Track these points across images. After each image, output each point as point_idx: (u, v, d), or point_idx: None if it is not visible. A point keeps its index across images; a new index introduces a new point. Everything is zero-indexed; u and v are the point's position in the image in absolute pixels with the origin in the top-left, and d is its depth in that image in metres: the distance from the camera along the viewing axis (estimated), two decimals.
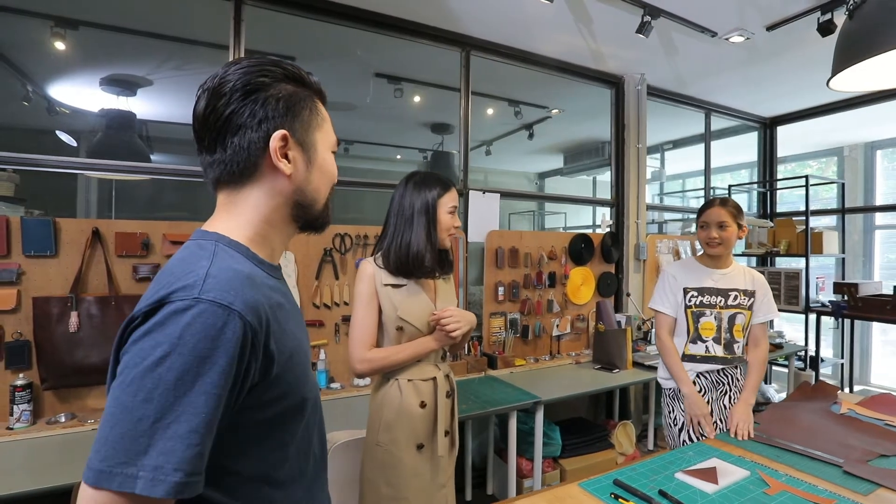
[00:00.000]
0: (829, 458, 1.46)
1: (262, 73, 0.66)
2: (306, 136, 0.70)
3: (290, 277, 2.28)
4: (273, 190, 0.69)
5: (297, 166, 0.69)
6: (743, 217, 1.83)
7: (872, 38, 1.32)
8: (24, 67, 3.00)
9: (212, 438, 0.55)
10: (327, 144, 0.74)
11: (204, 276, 0.57)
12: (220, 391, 0.54)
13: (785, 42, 2.82)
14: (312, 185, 0.72)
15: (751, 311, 1.84)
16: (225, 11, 2.35)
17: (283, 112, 0.66)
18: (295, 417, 0.68)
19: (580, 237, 3.18)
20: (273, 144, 0.66)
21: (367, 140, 4.80)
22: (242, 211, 0.69)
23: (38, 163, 2.10)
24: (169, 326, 0.53)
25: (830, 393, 2.07)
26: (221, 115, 0.65)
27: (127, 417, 0.50)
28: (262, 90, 0.65)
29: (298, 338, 0.70)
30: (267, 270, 0.70)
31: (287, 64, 0.69)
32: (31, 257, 1.87)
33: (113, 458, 0.49)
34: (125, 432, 0.50)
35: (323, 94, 0.75)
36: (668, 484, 1.32)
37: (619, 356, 2.79)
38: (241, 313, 0.56)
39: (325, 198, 0.75)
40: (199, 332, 0.53)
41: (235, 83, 0.64)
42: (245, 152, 0.66)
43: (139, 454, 0.50)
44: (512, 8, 2.50)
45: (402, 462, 1.37)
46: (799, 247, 3.71)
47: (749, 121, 4.43)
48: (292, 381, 0.66)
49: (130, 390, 0.51)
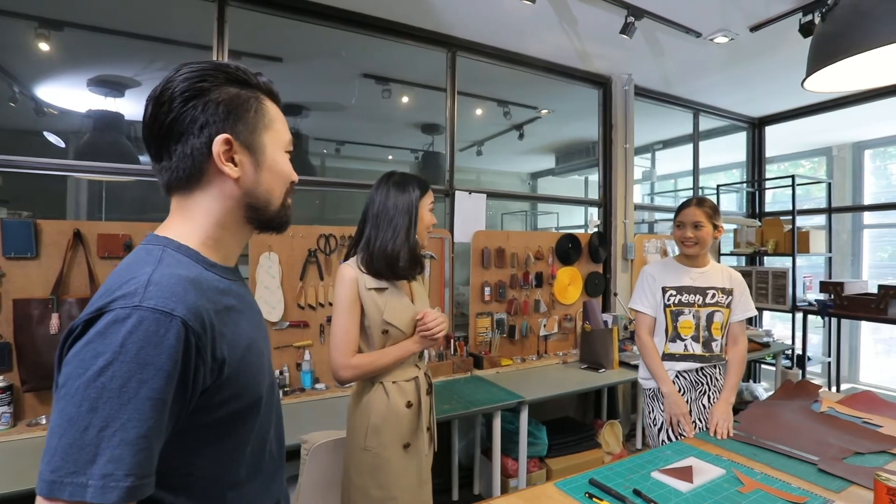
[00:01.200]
0: (805, 456, 1.47)
1: (202, 78, 0.65)
2: (252, 138, 0.69)
3: (275, 278, 2.28)
4: (222, 194, 0.69)
5: (244, 169, 0.69)
6: (719, 218, 1.84)
7: (844, 40, 1.33)
8: (10, 68, 2.99)
9: (161, 441, 0.56)
10: (278, 145, 0.73)
11: (145, 283, 0.57)
12: (166, 396, 0.55)
13: (769, 42, 2.83)
14: (263, 186, 0.71)
15: (729, 310, 1.85)
16: (209, 12, 2.35)
17: (223, 116, 0.66)
18: (249, 416, 0.69)
19: (567, 237, 3.18)
20: (216, 149, 0.65)
21: (358, 140, 4.80)
22: (194, 215, 0.69)
23: (24, 164, 2.09)
24: (109, 335, 0.53)
25: (812, 391, 2.08)
26: (163, 124, 0.65)
27: (73, 428, 0.51)
28: (201, 95, 0.65)
29: (252, 337, 0.70)
30: (219, 273, 0.70)
31: (231, 66, 0.69)
32: (11, 259, 1.87)
33: (62, 469, 0.50)
34: (72, 442, 0.50)
35: (273, 93, 0.74)
36: (643, 483, 1.33)
37: (605, 356, 2.80)
38: (184, 319, 0.57)
39: (279, 198, 0.74)
40: (140, 340, 0.54)
41: (174, 90, 0.64)
42: (189, 159, 0.66)
43: (88, 463, 0.50)
44: (495, 8, 2.51)
45: (391, 463, 1.38)
46: (786, 246, 3.73)
47: (738, 121, 4.45)
48: (246, 380, 0.67)
49: (75, 401, 0.52)
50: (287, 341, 2.32)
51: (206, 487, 0.65)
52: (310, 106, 3.85)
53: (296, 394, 2.26)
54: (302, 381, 2.32)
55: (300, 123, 3.84)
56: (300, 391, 2.29)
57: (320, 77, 3.44)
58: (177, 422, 0.59)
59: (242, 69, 0.70)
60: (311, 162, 4.17)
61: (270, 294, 2.26)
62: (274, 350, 2.30)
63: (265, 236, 2.27)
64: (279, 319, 2.29)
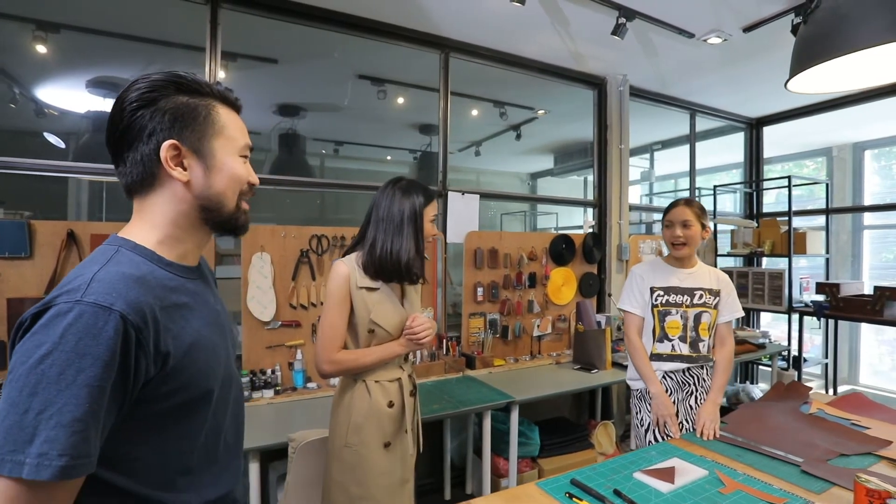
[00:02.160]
0: (789, 458, 1.47)
1: (152, 89, 0.70)
2: (200, 143, 0.74)
3: (267, 278, 2.30)
4: (175, 196, 0.74)
5: (193, 173, 0.73)
6: (707, 218, 1.85)
7: (825, 42, 1.33)
8: (10, 70, 3.02)
9: (99, 426, 0.60)
10: (230, 149, 0.77)
11: (89, 281, 0.62)
12: (103, 383, 0.59)
13: (764, 43, 2.83)
14: (214, 189, 0.75)
15: (716, 310, 1.85)
16: (202, 15, 2.37)
17: (169, 124, 0.71)
18: (199, 408, 0.73)
19: (561, 238, 3.19)
20: (163, 154, 0.70)
21: (357, 141, 4.81)
22: (150, 217, 0.74)
23: (24, 166, 2.12)
24: (51, 327, 0.58)
25: (803, 393, 2.08)
26: (116, 132, 0.71)
27: (14, 410, 0.56)
28: (149, 105, 0.70)
29: (202, 333, 0.74)
30: (174, 272, 0.74)
31: (184, 77, 0.73)
32: (5, 259, 1.89)
33: (4, 447, 0.55)
34: (13, 424, 0.55)
35: (228, 100, 0.78)
36: (625, 484, 1.34)
37: (598, 356, 2.80)
38: (123, 313, 0.61)
39: (232, 200, 0.78)
40: (80, 332, 0.58)
41: (125, 102, 0.70)
42: (140, 164, 0.71)
43: (26, 443, 0.55)
44: (486, 10, 2.51)
45: (370, 461, 1.39)
46: (783, 247, 3.71)
47: (735, 121, 4.44)
48: (194, 373, 0.71)
49: (17, 386, 0.57)
50: (279, 340, 2.34)
51: (155, 472, 0.69)
52: (306, 107, 3.87)
53: (287, 393, 2.28)
54: (294, 380, 2.34)
55: (297, 124, 3.87)
56: (292, 390, 2.31)
57: (316, 78, 3.45)
58: (121, 409, 0.63)
59: (195, 79, 0.74)
60: (309, 162, 4.19)
61: (262, 294, 2.28)
62: (265, 349, 2.31)
63: (258, 237, 2.30)
64: (271, 319, 2.31)
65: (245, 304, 2.26)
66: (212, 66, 2.37)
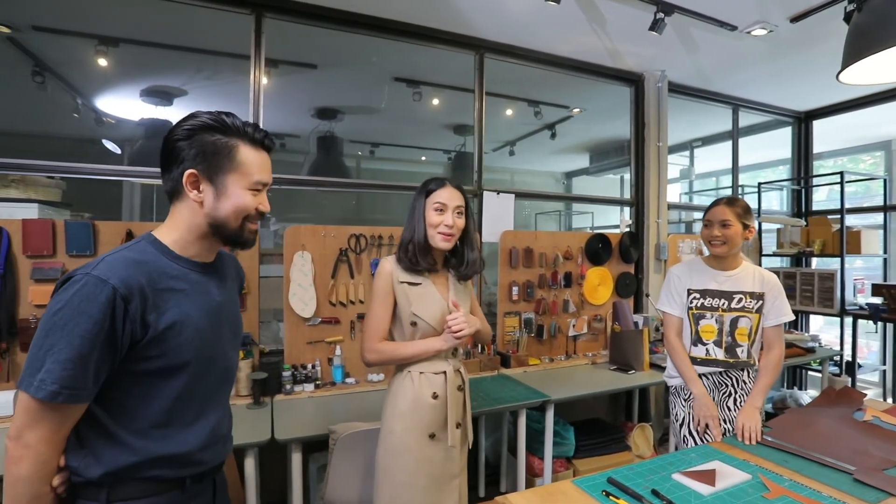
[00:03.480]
0: (840, 465, 1.41)
1: (192, 128, 0.92)
2: (215, 176, 0.93)
3: (307, 276, 2.39)
4: (192, 210, 0.95)
5: (205, 197, 0.94)
6: (751, 218, 1.78)
7: (882, 31, 1.27)
8: (74, 82, 3.26)
9: (90, 368, 0.80)
10: (242, 183, 0.95)
11: (100, 260, 0.86)
12: (92, 336, 0.80)
13: (813, 33, 2.70)
14: (220, 212, 0.95)
15: (758, 315, 1.78)
16: (246, 24, 2.49)
17: (193, 157, 0.92)
18: (175, 375, 0.91)
19: (597, 237, 3.15)
20: (184, 179, 0.92)
21: (392, 142, 4.90)
22: (174, 221, 0.96)
23: (85, 171, 2.28)
24: (66, 291, 0.82)
25: (856, 399, 1.98)
26: (165, 154, 0.95)
27: (35, 345, 0.80)
28: (186, 139, 0.92)
29: (192, 316, 0.93)
30: (181, 264, 0.95)
31: (221, 120, 0.94)
32: (73, 256, 2.05)
33: (26, 371, 0.80)
34: (33, 355, 0.80)
35: (256, 140, 0.97)
36: (663, 484, 1.32)
37: (635, 357, 2.75)
38: (115, 286, 0.82)
39: (235, 224, 0.97)
40: (82, 295, 0.80)
41: (174, 133, 0.93)
42: (171, 181, 0.94)
43: (36, 370, 0.79)
44: (521, 9, 2.52)
45: (414, 449, 1.43)
46: (835, 246, 3.53)
47: (782, 115, 4.24)
48: (174, 346, 0.90)
49: (41, 328, 0.81)
50: (319, 336, 2.42)
51: (134, 420, 0.89)
52: (344, 109, 3.98)
53: (327, 387, 2.36)
54: (333, 375, 2.42)
55: (335, 126, 3.98)
56: (331, 384, 2.39)
57: (353, 81, 3.55)
58: (113, 361, 0.84)
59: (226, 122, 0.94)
60: (345, 164, 4.30)
61: (303, 291, 2.37)
62: (306, 345, 2.40)
63: (299, 237, 2.39)
64: (311, 315, 2.39)
65: (287, 301, 2.35)
66: (256, 72, 2.48)
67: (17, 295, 1.99)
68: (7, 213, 2.08)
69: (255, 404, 2.10)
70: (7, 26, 2.60)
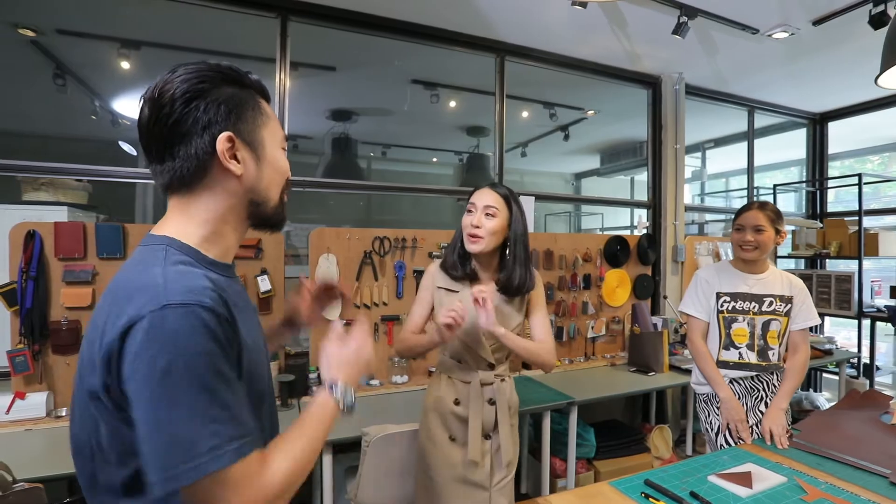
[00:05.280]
0: (876, 469, 1.42)
1: (201, 79, 0.67)
2: (253, 135, 0.72)
3: (333, 279, 2.40)
4: (226, 191, 0.71)
5: (246, 166, 0.71)
6: (782, 223, 1.78)
7: None
8: (92, 84, 3.28)
9: (241, 399, 0.62)
10: (275, 141, 0.76)
11: (163, 282, 0.60)
12: (224, 368, 0.60)
13: (833, 36, 2.71)
14: (264, 182, 0.74)
15: (787, 318, 1.79)
16: (272, 27, 2.50)
17: (225, 115, 0.68)
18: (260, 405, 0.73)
19: (616, 239, 3.16)
20: (220, 147, 0.67)
21: (405, 144, 4.92)
22: (196, 213, 0.70)
23: (108, 174, 2.31)
24: (155, 338, 0.56)
25: (882, 402, 1.98)
26: (166, 125, 0.66)
27: (165, 427, 0.56)
28: (202, 96, 0.67)
29: (253, 335, 0.73)
30: (219, 271, 0.71)
31: (224, 66, 0.70)
32: (103, 259, 2.07)
33: (175, 458, 0.55)
34: (171, 438, 0.56)
35: (265, 91, 0.76)
36: (700, 486, 1.33)
37: (654, 359, 2.76)
38: (209, 306, 0.60)
39: (277, 195, 0.77)
40: (183, 332, 0.57)
41: (175, 92, 0.65)
42: (194, 159, 0.67)
43: (193, 446, 0.56)
44: (545, 14, 2.53)
45: (436, 451, 1.47)
46: (851, 248, 3.53)
47: (797, 117, 4.24)
48: (256, 374, 0.70)
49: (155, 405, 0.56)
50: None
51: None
52: (359, 111, 4.00)
53: None
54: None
55: (349, 128, 4.00)
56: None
57: (370, 84, 3.56)
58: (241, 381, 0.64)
59: (235, 69, 0.72)
60: (359, 165, 4.32)
61: None
62: None
63: (324, 239, 2.41)
64: (336, 318, 2.40)
65: None
66: (281, 76, 2.50)
67: (49, 297, 2.01)
68: (37, 217, 2.10)
69: (282, 406, 2.12)
70: (32, 30, 2.63)
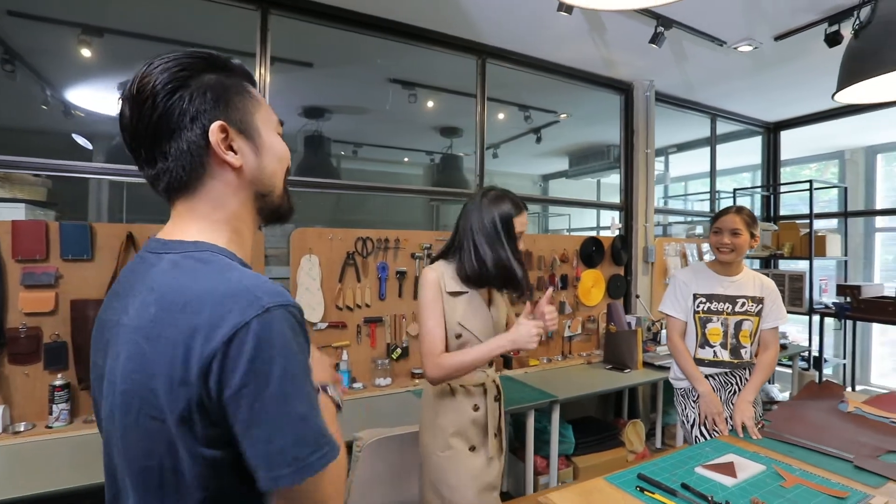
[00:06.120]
0: (840, 454, 1.53)
1: (182, 67, 0.61)
2: (246, 122, 0.66)
3: (315, 280, 2.35)
4: (230, 186, 0.66)
5: (245, 156, 0.66)
6: (757, 227, 1.89)
7: (876, 57, 1.40)
8: (44, 72, 3.06)
9: None
10: (270, 126, 0.70)
11: (253, 286, 0.58)
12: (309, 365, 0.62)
13: (791, 51, 2.90)
14: (266, 170, 0.68)
15: (758, 318, 1.90)
16: (252, 20, 2.42)
17: (213, 103, 0.63)
18: None
19: (591, 240, 3.25)
20: (213, 138, 0.62)
21: (376, 143, 4.86)
22: (208, 214, 0.65)
23: (71, 169, 2.15)
24: (269, 341, 0.55)
25: (837, 392, 2.14)
26: (150, 122, 0.60)
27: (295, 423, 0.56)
28: (185, 85, 0.61)
29: None
30: None
31: (205, 53, 0.65)
32: (68, 261, 1.93)
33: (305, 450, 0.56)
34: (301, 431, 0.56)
35: (250, 76, 0.71)
36: (689, 477, 1.39)
37: (630, 356, 2.86)
38: (296, 304, 0.60)
39: (281, 182, 0.72)
40: (287, 332, 0.57)
41: (156, 84, 0.60)
42: (188, 155, 0.62)
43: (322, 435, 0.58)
44: (528, 18, 2.57)
45: (460, 465, 1.41)
46: (802, 249, 3.79)
47: (753, 125, 4.51)
48: None
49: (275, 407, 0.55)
50: (326, 341, 2.39)
51: None
52: (333, 109, 3.93)
53: None
54: None
55: (322, 126, 3.92)
56: None
57: (347, 82, 3.50)
58: None
59: (216, 55, 0.66)
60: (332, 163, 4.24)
61: (311, 296, 2.33)
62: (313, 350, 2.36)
63: (307, 240, 2.35)
64: (319, 320, 2.35)
65: None
66: (262, 70, 2.41)
67: (6, 302, 1.86)
68: None
69: None
70: None
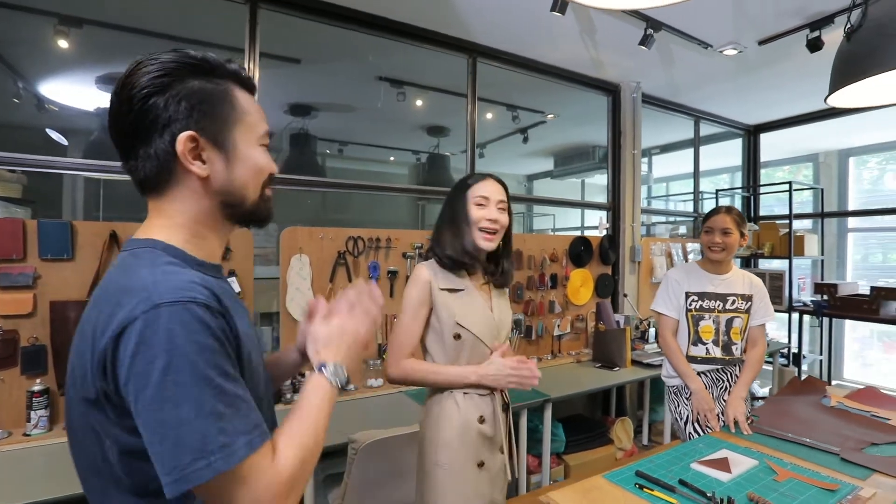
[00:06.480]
0: (827, 447, 1.57)
1: (164, 72, 0.62)
2: (221, 133, 0.66)
3: (305, 280, 2.31)
4: (195, 193, 0.67)
5: (213, 166, 0.66)
6: (745, 226, 1.94)
7: (868, 60, 1.44)
8: (16, 64, 2.94)
9: (245, 391, 0.59)
10: (250, 138, 0.70)
11: (152, 283, 0.57)
12: (224, 363, 0.58)
13: (773, 55, 2.97)
14: (236, 182, 0.68)
15: (748, 315, 1.95)
16: (240, 14, 2.36)
17: (186, 112, 0.63)
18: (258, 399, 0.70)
19: (580, 240, 3.28)
20: (180, 148, 0.63)
21: (362, 142, 4.82)
22: (171, 215, 0.67)
23: (50, 164, 2.07)
24: (150, 339, 0.54)
25: (819, 387, 2.20)
26: (126, 123, 0.63)
27: (172, 429, 0.53)
28: (161, 92, 0.62)
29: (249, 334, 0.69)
30: (207, 272, 0.68)
31: (194, 56, 0.65)
32: (47, 261, 1.85)
33: (185, 458, 0.53)
34: (179, 438, 0.53)
35: (244, 80, 0.71)
36: (685, 473, 1.41)
37: (619, 355, 2.90)
38: (203, 301, 0.58)
39: (255, 192, 0.71)
40: (178, 331, 0.54)
41: (135, 87, 0.61)
42: (154, 159, 0.63)
43: (203, 444, 0.53)
44: (522, 18, 2.57)
45: (463, 482, 1.28)
46: (782, 249, 3.90)
47: (734, 128, 4.62)
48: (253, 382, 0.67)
49: (157, 407, 0.53)
50: None
51: None
52: (319, 107, 3.87)
53: None
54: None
55: (309, 124, 3.86)
56: None
57: (335, 79, 3.46)
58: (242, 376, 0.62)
59: (209, 59, 0.66)
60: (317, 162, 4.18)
61: (301, 296, 2.29)
62: None
63: (297, 239, 2.30)
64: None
65: (284, 306, 2.26)
66: (250, 66, 2.36)
67: None
68: None
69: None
70: None
